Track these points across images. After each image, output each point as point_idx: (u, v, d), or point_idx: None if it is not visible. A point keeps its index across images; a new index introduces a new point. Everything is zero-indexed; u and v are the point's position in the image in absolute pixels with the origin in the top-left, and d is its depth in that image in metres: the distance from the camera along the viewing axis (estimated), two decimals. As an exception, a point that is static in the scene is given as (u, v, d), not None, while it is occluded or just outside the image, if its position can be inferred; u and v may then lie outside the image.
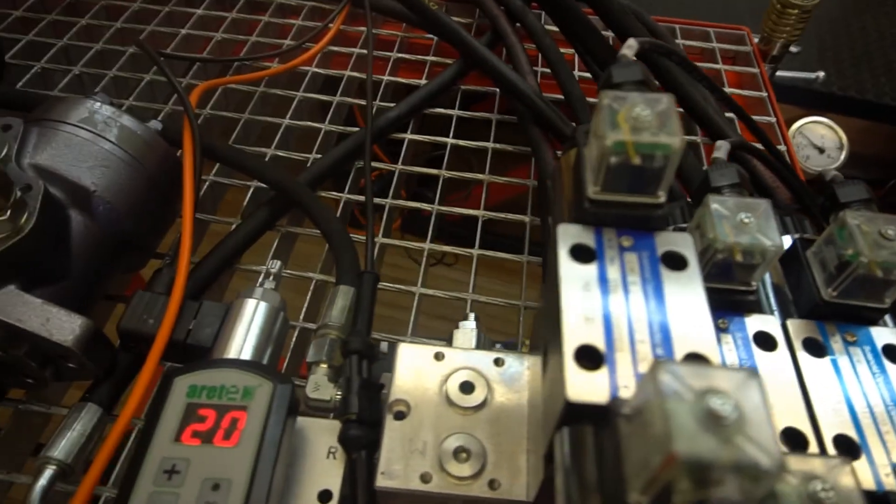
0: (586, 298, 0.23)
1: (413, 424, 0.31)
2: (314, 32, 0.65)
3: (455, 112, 0.59)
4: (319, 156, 0.53)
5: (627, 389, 0.20)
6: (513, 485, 0.29)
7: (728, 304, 0.29)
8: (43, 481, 0.33)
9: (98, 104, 0.41)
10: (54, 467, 0.33)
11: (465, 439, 0.30)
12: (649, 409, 0.16)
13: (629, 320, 0.22)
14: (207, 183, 0.52)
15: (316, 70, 0.63)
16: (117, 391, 0.37)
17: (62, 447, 0.34)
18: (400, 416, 0.31)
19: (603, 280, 0.23)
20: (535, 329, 0.32)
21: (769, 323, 0.28)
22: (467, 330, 0.39)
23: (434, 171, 0.54)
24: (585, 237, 0.25)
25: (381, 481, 0.29)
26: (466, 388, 0.32)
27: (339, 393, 0.34)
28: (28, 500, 0.32)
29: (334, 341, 0.37)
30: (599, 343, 0.22)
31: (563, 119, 0.47)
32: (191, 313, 0.37)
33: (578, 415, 0.21)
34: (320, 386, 0.35)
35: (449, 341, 0.38)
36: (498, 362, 0.33)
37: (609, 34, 0.58)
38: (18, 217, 0.33)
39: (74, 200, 0.38)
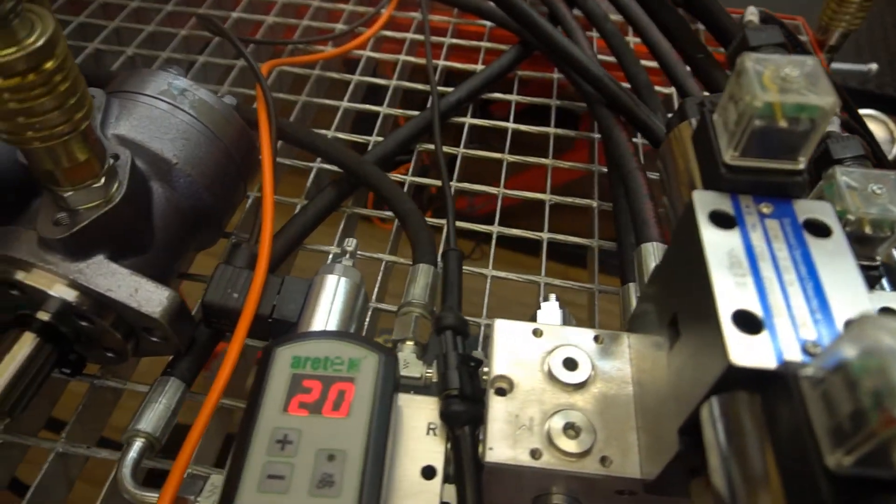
0: (734, 264, 0.22)
1: (517, 400, 0.30)
2: (366, 17, 0.64)
3: (514, 97, 0.58)
4: (380, 138, 0.53)
5: (793, 353, 0.20)
6: (625, 461, 0.28)
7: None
8: (133, 454, 0.32)
9: (175, 76, 0.40)
10: (143, 440, 0.33)
11: (573, 415, 0.29)
12: (864, 366, 0.15)
13: (782, 286, 0.22)
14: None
15: (370, 54, 0.62)
16: (197, 366, 0.37)
17: (150, 420, 0.33)
18: (501, 392, 0.31)
19: (748, 246, 0.23)
20: (642, 308, 0.31)
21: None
22: (553, 308, 0.38)
23: (497, 155, 0.53)
24: (723, 203, 0.24)
25: (490, 457, 0.28)
26: (569, 364, 0.31)
27: (428, 370, 0.34)
28: (119, 474, 0.31)
29: (419, 318, 0.37)
30: (756, 308, 0.21)
31: (635, 101, 0.47)
32: (274, 288, 0.36)
33: (735, 382, 0.21)
34: (409, 363, 0.34)
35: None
36: (597, 339, 0.32)
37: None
38: (110, 186, 0.33)
39: (157, 172, 0.37)
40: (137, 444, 0.32)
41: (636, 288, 0.40)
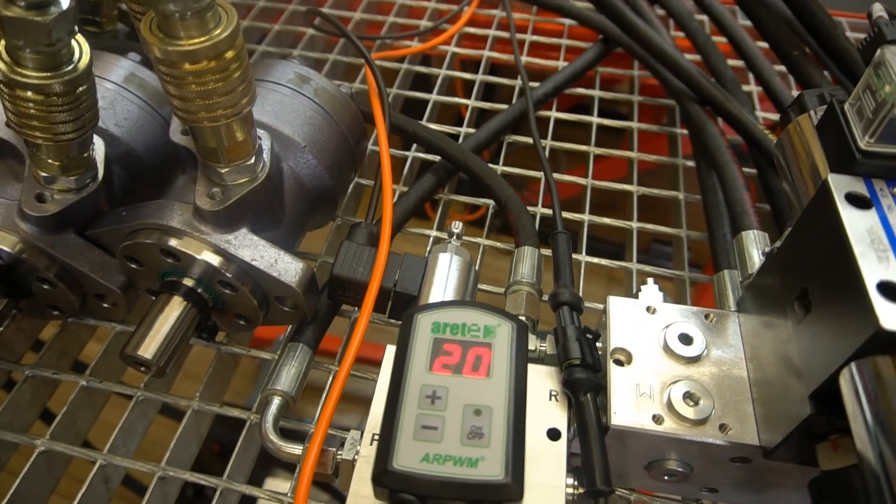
0: (874, 241, 0.24)
1: (636, 371, 0.32)
2: (450, 15, 0.67)
3: (596, 93, 0.60)
4: (471, 130, 0.55)
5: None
6: (743, 429, 0.30)
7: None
8: (273, 409, 0.35)
9: (299, 65, 0.43)
10: (280, 398, 0.36)
11: (691, 385, 0.31)
12: None
13: (922, 261, 0.23)
14: (368, 152, 0.54)
15: (455, 49, 0.65)
16: (320, 334, 0.40)
17: (285, 380, 0.36)
18: (619, 363, 0.33)
19: (886, 226, 0.24)
20: (751, 290, 0.33)
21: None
22: (654, 291, 0.40)
23: (584, 148, 0.55)
24: (858, 186, 0.26)
25: (616, 420, 0.30)
26: (685, 339, 0.33)
27: (542, 344, 0.36)
28: (263, 428, 0.34)
29: (528, 295, 0.39)
30: (899, 280, 0.23)
31: (726, 95, 0.48)
32: (395, 264, 0.39)
33: (876, 347, 0.22)
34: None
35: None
36: (707, 317, 0.34)
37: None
38: (258, 165, 0.36)
39: (286, 154, 0.40)
40: (276, 402, 0.35)
41: (731, 275, 0.41)
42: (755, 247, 0.39)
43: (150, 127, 0.43)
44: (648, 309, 0.34)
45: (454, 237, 0.42)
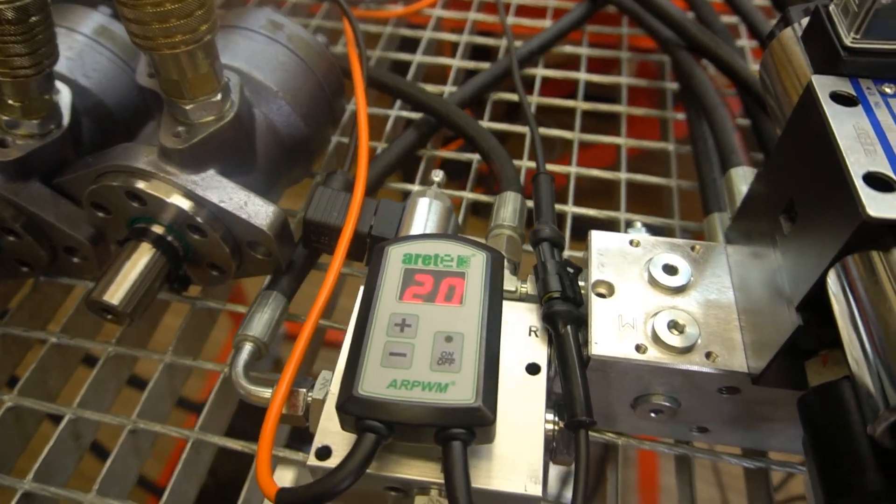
0: (861, 135, 0.22)
1: (619, 303, 0.31)
2: (435, -22, 0.65)
3: (584, 51, 0.58)
4: (454, 88, 0.54)
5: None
6: (731, 357, 0.29)
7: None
8: (244, 355, 0.34)
9: (272, 12, 0.42)
10: (252, 344, 0.34)
11: (676, 314, 0.30)
12: None
13: (912, 153, 0.22)
14: (347, 113, 0.53)
15: (440, 13, 0.63)
16: (296, 284, 0.38)
17: (256, 326, 0.35)
18: (602, 296, 0.31)
19: (874, 121, 0.23)
20: (744, 217, 0.32)
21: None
22: (639, 228, 0.39)
23: (569, 135, 0.53)
24: (843, 86, 0.24)
25: (596, 350, 0.29)
26: (669, 269, 0.32)
27: (523, 285, 0.34)
28: (233, 373, 0.33)
29: (510, 238, 0.38)
30: (887, 170, 0.21)
31: (717, 42, 0.47)
32: (371, 209, 0.38)
33: (864, 242, 0.21)
34: (504, 278, 0.35)
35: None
36: (694, 249, 0.33)
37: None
38: (224, 103, 0.34)
39: (259, 100, 0.39)
40: (247, 348, 0.34)
41: (720, 217, 0.40)
42: (744, 183, 0.37)
43: (120, 80, 0.42)
44: (632, 242, 0.33)
45: (434, 185, 0.41)
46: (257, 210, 0.35)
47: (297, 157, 0.42)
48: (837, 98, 0.24)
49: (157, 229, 0.36)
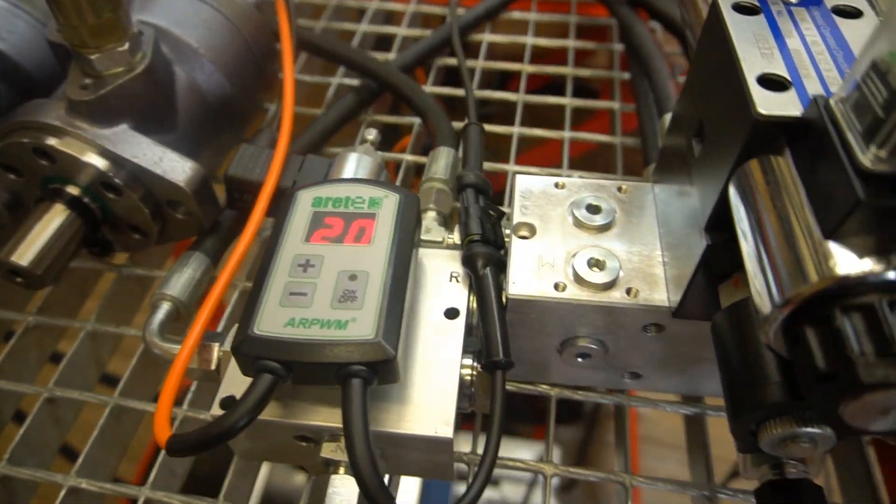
0: (759, 40, 0.22)
1: (540, 244, 0.30)
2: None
3: (532, 16, 0.58)
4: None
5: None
6: (652, 292, 0.28)
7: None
8: (160, 315, 0.32)
9: (196, -28, 0.41)
10: (169, 304, 0.33)
11: (597, 252, 0.29)
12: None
13: (811, 56, 0.21)
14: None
15: (388, -16, 0.62)
16: (222, 246, 0.37)
17: (174, 285, 0.34)
18: (524, 237, 0.30)
19: (773, 26, 0.22)
20: (664, 154, 0.31)
21: None
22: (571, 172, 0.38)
23: (517, 66, 0.53)
24: (747, -3, 0.23)
25: (514, 290, 0.28)
26: (593, 208, 0.31)
27: (450, 235, 0.33)
28: (146, 331, 0.32)
29: (440, 191, 0.36)
30: (782, 72, 0.20)
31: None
32: (295, 165, 0.36)
33: (762, 144, 0.20)
34: (431, 229, 0.34)
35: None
36: (621, 189, 0.32)
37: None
38: (134, 54, 0.33)
39: (179, 57, 0.38)
40: (164, 307, 0.33)
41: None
42: (678, 128, 0.36)
43: (40, 43, 0.40)
44: (557, 185, 0.32)
45: (367, 144, 0.40)
46: (173, 166, 0.34)
47: (225, 119, 0.41)
48: (739, 8, 0.23)
49: (72, 189, 0.34)
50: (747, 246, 0.20)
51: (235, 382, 0.27)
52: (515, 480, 1.01)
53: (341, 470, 0.26)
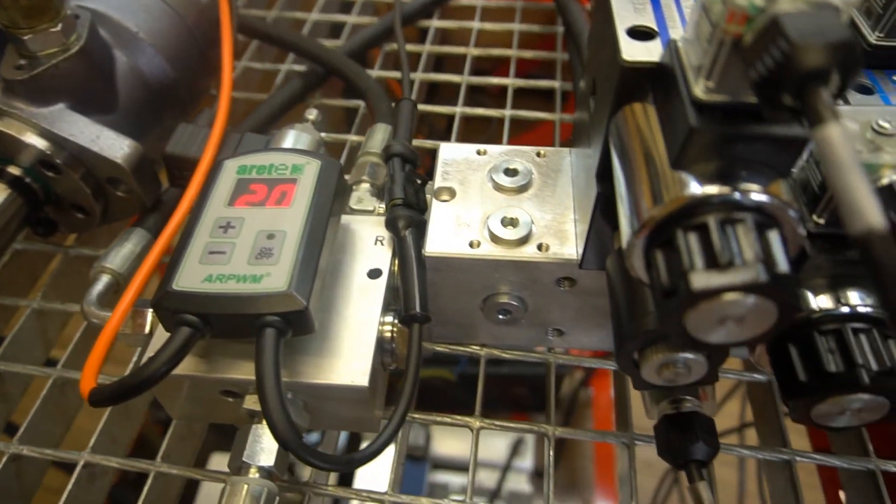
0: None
1: (459, 206, 0.31)
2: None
3: (479, 2, 0.59)
4: (349, 42, 0.54)
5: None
6: (562, 247, 0.29)
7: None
8: (99, 286, 0.34)
9: (137, -40, 0.42)
10: (109, 276, 0.34)
11: (512, 211, 0.30)
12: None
13: (679, 7, 0.23)
14: (239, 68, 0.53)
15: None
16: (165, 222, 0.38)
17: (114, 259, 0.35)
18: (444, 201, 0.32)
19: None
20: (578, 117, 0.32)
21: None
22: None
23: (462, 49, 0.54)
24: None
25: (430, 248, 0.29)
26: (510, 172, 0.32)
27: (381, 205, 0.35)
28: (84, 302, 0.33)
29: (375, 164, 0.38)
30: (651, 23, 0.22)
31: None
32: (233, 143, 0.38)
33: (631, 91, 0.21)
34: (363, 199, 0.35)
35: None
36: (539, 154, 0.33)
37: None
38: (68, 35, 0.34)
39: (119, 41, 0.39)
40: (103, 279, 0.34)
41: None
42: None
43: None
44: (479, 152, 0.33)
45: (308, 122, 0.41)
46: (110, 143, 0.35)
47: (168, 103, 0.42)
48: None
49: (12, 170, 0.35)
50: (618, 187, 0.21)
51: (162, 340, 0.28)
52: (490, 467, 1.03)
53: (265, 420, 0.27)
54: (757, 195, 0.17)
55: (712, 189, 0.17)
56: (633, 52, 0.21)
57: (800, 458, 0.30)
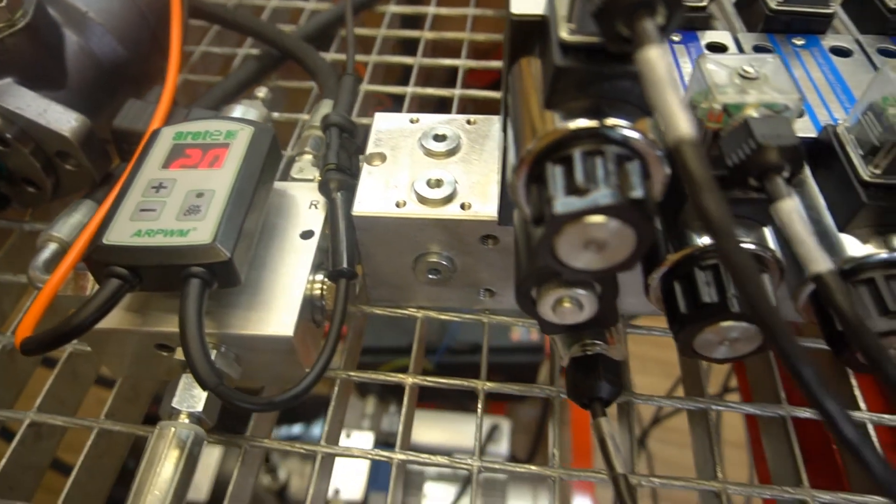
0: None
1: (388, 170, 0.32)
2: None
3: (439, -11, 0.60)
4: (306, 27, 0.55)
5: None
6: (484, 206, 0.30)
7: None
8: (45, 254, 0.35)
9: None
10: (56, 244, 0.35)
11: (438, 173, 0.32)
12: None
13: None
14: (197, 53, 0.54)
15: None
16: (114, 196, 0.39)
17: (62, 228, 0.36)
18: (375, 166, 0.33)
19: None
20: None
21: (723, 37, 0.30)
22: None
23: (416, 33, 0.55)
24: None
25: (358, 208, 0.31)
26: (439, 138, 0.33)
27: (320, 176, 0.36)
28: (30, 268, 0.34)
29: (319, 138, 0.39)
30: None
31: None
32: (180, 116, 0.39)
33: (524, 41, 0.23)
34: (304, 169, 0.37)
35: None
36: (470, 121, 0.35)
37: None
38: (14, 11, 0.35)
39: (68, 20, 0.40)
40: (50, 247, 0.35)
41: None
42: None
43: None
44: (412, 120, 0.35)
45: (258, 101, 0.42)
46: (58, 117, 0.36)
47: (120, 82, 0.43)
48: None
49: (-37, 144, 0.36)
50: (509, 135, 0.23)
51: (100, 300, 0.29)
52: (465, 454, 1.04)
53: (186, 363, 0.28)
54: (622, 130, 0.19)
55: (579, 123, 0.19)
56: (521, 5, 0.22)
57: (715, 407, 0.32)
